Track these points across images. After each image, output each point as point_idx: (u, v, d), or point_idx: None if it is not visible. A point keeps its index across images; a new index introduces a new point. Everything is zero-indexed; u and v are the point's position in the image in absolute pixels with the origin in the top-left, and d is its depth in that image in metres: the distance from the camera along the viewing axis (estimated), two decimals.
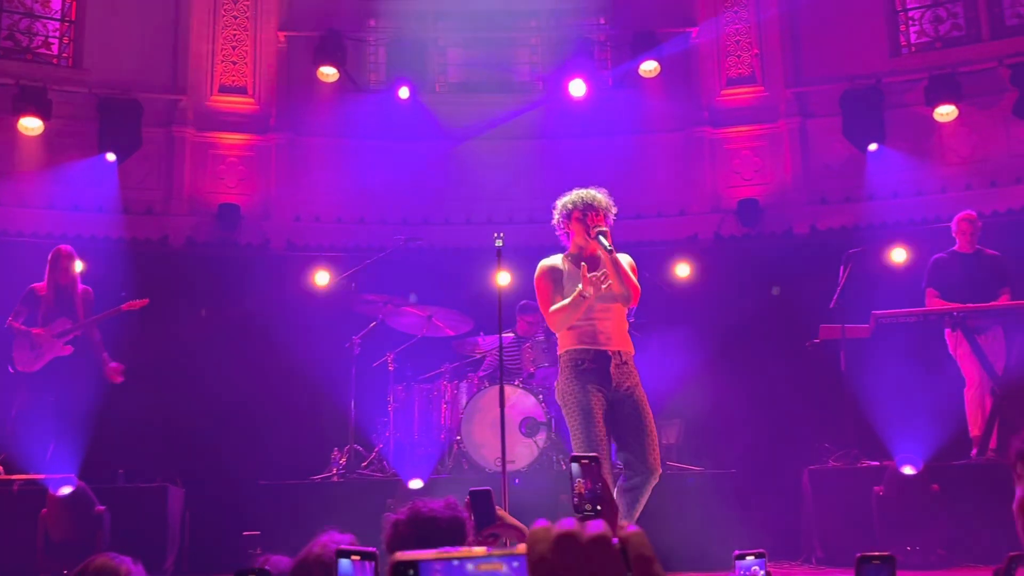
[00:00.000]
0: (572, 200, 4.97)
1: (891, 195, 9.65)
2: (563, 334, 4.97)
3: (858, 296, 7.41)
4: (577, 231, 4.94)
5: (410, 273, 8.77)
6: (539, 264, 5.05)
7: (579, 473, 2.22)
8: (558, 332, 5.01)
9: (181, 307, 8.91)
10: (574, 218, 4.93)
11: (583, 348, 4.86)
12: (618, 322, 4.94)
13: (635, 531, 0.92)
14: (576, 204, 4.94)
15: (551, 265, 5.01)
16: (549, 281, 4.96)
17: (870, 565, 1.95)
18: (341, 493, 7.02)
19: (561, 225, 5.03)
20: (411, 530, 2.30)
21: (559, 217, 5.02)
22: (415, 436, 7.58)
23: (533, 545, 0.90)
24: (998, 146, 9.55)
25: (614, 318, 4.92)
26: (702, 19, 10.39)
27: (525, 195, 9.90)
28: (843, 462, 6.84)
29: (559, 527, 0.90)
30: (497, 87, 10.83)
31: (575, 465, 2.24)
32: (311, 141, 10.25)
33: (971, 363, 7.04)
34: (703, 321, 8.78)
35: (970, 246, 7.34)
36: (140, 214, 9.68)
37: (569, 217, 4.96)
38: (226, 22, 10.26)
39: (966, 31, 10.11)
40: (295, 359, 8.65)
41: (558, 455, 7.27)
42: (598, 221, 4.88)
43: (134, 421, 8.10)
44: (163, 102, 9.93)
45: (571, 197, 4.99)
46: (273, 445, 8.38)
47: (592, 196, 4.94)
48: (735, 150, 10.20)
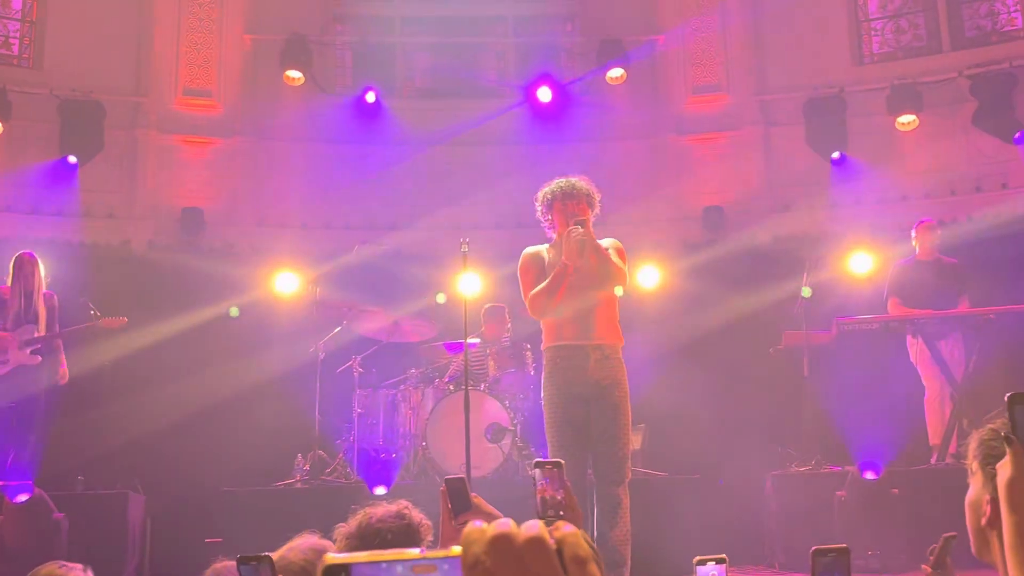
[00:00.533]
0: (552, 189, 4.92)
1: (853, 203, 9.77)
2: (545, 329, 4.90)
3: (821, 302, 7.48)
4: (558, 221, 4.87)
5: (376, 278, 8.74)
6: (523, 252, 4.99)
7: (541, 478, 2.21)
8: (540, 318, 4.89)
9: (143, 312, 8.79)
10: (555, 208, 4.88)
11: (561, 344, 4.79)
12: (601, 313, 4.82)
13: (571, 531, 0.91)
14: (556, 193, 4.89)
15: (535, 252, 4.96)
16: (532, 267, 4.89)
17: (825, 559, 1.96)
18: (305, 500, 6.95)
19: (544, 215, 4.97)
20: (358, 542, 2.27)
21: (541, 208, 4.97)
22: (380, 442, 7.53)
23: (467, 547, 0.88)
24: (958, 155, 9.70)
25: (596, 309, 4.80)
26: (668, 27, 10.46)
27: (492, 201, 9.90)
28: (805, 467, 6.90)
29: (494, 528, 0.89)
30: (464, 92, 10.82)
31: (538, 470, 2.23)
32: (276, 145, 10.18)
33: (931, 370, 7.12)
34: (667, 327, 8.82)
35: (930, 254, 7.43)
36: (101, 217, 9.57)
37: (550, 207, 4.91)
38: (191, 25, 10.17)
39: (927, 42, 10.27)
40: (259, 364, 8.59)
41: (524, 461, 7.25)
42: (578, 209, 4.81)
43: (94, 427, 7.99)
44: (126, 104, 9.82)
45: (551, 187, 4.94)
46: (236, 451, 8.30)
47: (571, 184, 4.89)
48: (700, 158, 10.27)
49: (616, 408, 4.74)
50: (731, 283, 9.08)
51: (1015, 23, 10.03)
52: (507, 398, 7.36)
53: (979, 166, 9.59)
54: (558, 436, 4.71)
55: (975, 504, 1.87)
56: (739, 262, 9.36)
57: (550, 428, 4.76)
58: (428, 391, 7.55)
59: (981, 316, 6.92)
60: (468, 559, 0.87)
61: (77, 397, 7.82)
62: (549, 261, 4.87)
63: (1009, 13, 10.07)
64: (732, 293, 8.95)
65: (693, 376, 8.72)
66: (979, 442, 1.88)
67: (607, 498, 4.66)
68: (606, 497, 4.67)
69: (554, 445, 4.73)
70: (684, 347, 8.80)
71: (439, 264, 8.87)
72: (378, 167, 10.09)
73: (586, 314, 4.79)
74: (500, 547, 0.88)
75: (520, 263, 4.96)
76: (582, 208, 4.84)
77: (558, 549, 0.89)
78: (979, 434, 1.90)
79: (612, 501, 4.65)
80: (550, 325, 4.88)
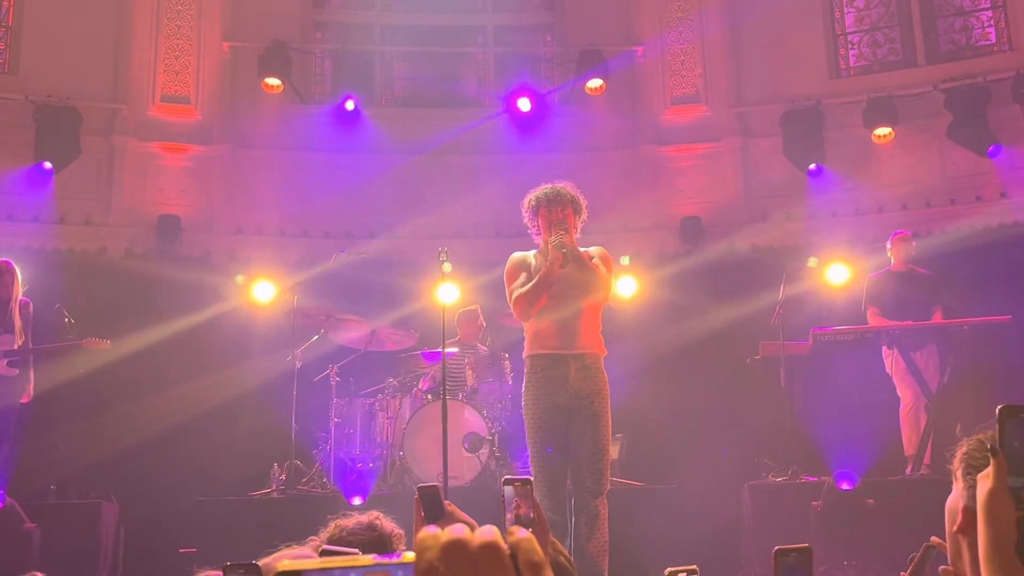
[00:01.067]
0: (537, 196, 4.93)
1: (830, 214, 9.84)
2: (527, 337, 4.88)
3: (798, 313, 7.52)
4: (543, 227, 4.88)
5: (354, 287, 8.71)
6: (511, 256, 4.99)
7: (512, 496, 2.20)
8: (524, 320, 4.87)
9: (119, 320, 8.71)
10: (540, 214, 4.88)
11: (541, 353, 4.77)
12: (585, 322, 4.80)
13: (525, 537, 0.90)
14: (540, 200, 4.90)
15: (522, 257, 4.96)
16: (518, 271, 4.88)
17: (787, 559, 1.97)
18: (281, 509, 6.91)
19: (530, 222, 4.97)
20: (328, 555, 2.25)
21: (527, 214, 4.97)
22: (357, 451, 7.50)
23: (421, 552, 0.88)
24: (933, 168, 9.79)
25: (579, 318, 4.78)
26: (647, 38, 10.52)
27: (471, 210, 9.91)
28: (782, 477, 6.92)
29: (448, 533, 0.88)
30: (443, 102, 10.83)
31: (508, 488, 2.22)
32: (255, 153, 10.14)
33: (906, 381, 7.18)
34: (645, 337, 8.84)
35: (904, 265, 7.50)
36: (77, 224, 9.49)
37: (536, 213, 4.91)
38: (169, 31, 10.12)
39: (903, 56, 10.37)
40: (235, 373, 8.54)
41: (501, 470, 7.24)
42: (563, 215, 4.82)
43: (68, 436, 7.90)
44: (103, 111, 9.75)
45: (536, 193, 4.95)
46: (212, 460, 8.24)
47: (556, 191, 4.89)
48: (679, 168, 10.32)
49: (596, 418, 4.71)
50: (708, 293, 9.12)
51: (989, 38, 10.16)
52: (485, 407, 7.35)
53: (954, 179, 9.69)
54: (538, 445, 4.70)
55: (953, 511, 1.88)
56: (716, 272, 9.41)
57: (531, 437, 4.74)
58: (405, 400, 7.53)
59: (955, 327, 6.98)
60: (422, 565, 0.87)
61: (51, 408, 7.75)
62: (535, 267, 4.86)
63: (983, 28, 10.20)
64: (709, 303, 8.98)
65: (670, 386, 8.76)
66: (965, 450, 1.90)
67: (585, 509, 4.65)
68: (584, 508, 4.65)
69: (535, 454, 4.72)
70: (661, 357, 8.82)
71: (418, 273, 8.86)
72: (357, 175, 10.07)
73: (568, 323, 4.77)
74: (454, 553, 0.87)
75: (507, 267, 4.95)
76: (567, 214, 4.84)
77: (512, 555, 0.89)
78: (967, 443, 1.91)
79: (590, 512, 4.64)
80: (532, 333, 4.86)
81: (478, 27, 11.13)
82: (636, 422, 8.14)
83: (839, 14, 10.61)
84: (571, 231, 4.81)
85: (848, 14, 10.62)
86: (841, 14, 10.61)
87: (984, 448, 1.75)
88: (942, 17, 10.34)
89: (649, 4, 10.57)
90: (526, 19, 11.20)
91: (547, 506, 4.53)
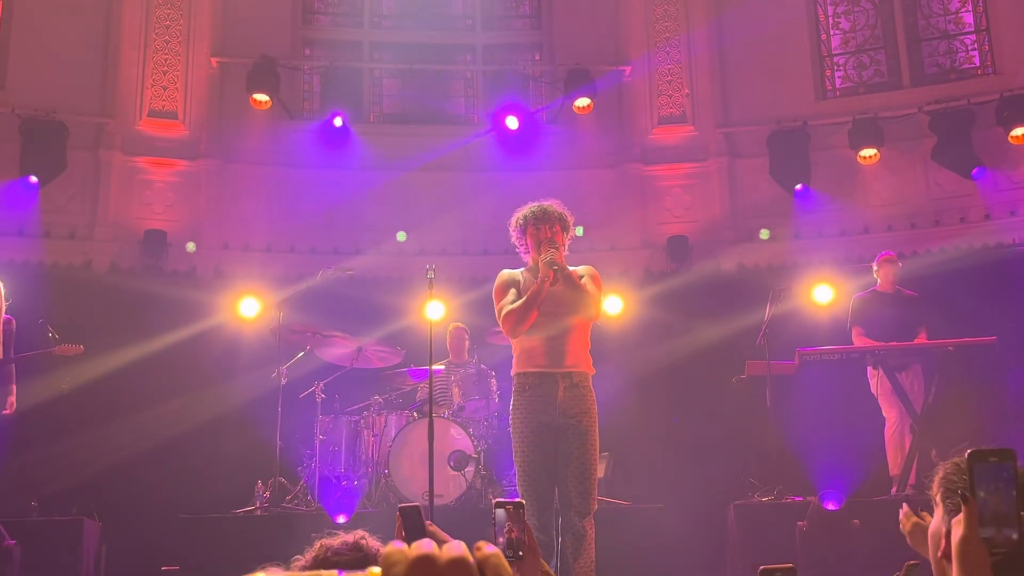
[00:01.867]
0: (525, 214, 4.90)
1: (816, 235, 9.88)
2: (515, 355, 4.84)
3: (783, 333, 7.54)
4: (532, 244, 4.85)
5: (341, 304, 8.69)
6: (499, 273, 4.95)
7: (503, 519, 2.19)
8: (513, 336, 4.82)
9: (103, 335, 8.66)
10: (528, 231, 4.86)
11: (529, 371, 4.73)
12: (573, 340, 4.77)
13: (492, 552, 0.90)
14: (528, 218, 4.87)
15: (511, 275, 4.92)
16: (506, 288, 4.84)
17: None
18: (264, 527, 6.86)
19: (518, 239, 4.95)
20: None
21: (515, 232, 4.95)
22: (342, 469, 7.46)
23: (388, 568, 0.87)
24: (918, 189, 9.86)
25: (568, 336, 4.76)
26: (634, 58, 10.57)
27: (458, 227, 9.91)
28: (768, 497, 6.92)
29: (415, 548, 0.88)
30: (431, 119, 10.85)
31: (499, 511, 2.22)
32: (242, 168, 10.12)
33: (891, 402, 7.20)
34: (631, 356, 8.84)
35: (890, 286, 7.53)
36: (63, 238, 9.44)
37: (524, 230, 4.88)
38: (157, 46, 10.11)
39: (888, 78, 10.47)
40: (220, 389, 8.50)
41: (487, 488, 7.22)
42: (551, 233, 4.80)
43: (50, 453, 7.83)
44: (90, 125, 9.72)
45: (524, 211, 4.91)
46: (195, 477, 8.18)
47: (543, 209, 4.86)
48: (666, 187, 10.36)
49: (584, 437, 4.68)
50: (695, 312, 9.14)
51: (973, 61, 10.26)
52: (471, 425, 7.34)
53: (939, 200, 9.76)
54: (526, 464, 4.67)
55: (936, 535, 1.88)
56: (703, 291, 9.42)
57: (518, 456, 4.71)
58: (391, 418, 7.50)
59: (940, 348, 7.01)
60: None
61: (34, 425, 7.68)
62: (524, 284, 4.83)
63: (967, 52, 10.30)
64: (696, 322, 9.00)
65: (656, 405, 8.76)
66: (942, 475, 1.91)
67: (572, 529, 4.62)
68: (571, 528, 4.63)
69: (522, 473, 4.68)
70: (647, 376, 8.82)
71: (405, 290, 8.86)
72: (344, 192, 10.06)
73: (557, 341, 4.74)
74: (421, 568, 0.87)
75: (495, 284, 4.92)
76: (555, 232, 4.82)
77: (480, 570, 0.88)
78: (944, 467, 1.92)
79: (577, 532, 4.61)
80: (520, 351, 4.83)
81: (467, 45, 11.17)
82: (622, 441, 8.14)
83: (825, 36, 10.71)
84: (560, 249, 4.80)
85: (834, 36, 10.71)
86: (827, 36, 10.71)
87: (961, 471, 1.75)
88: (927, 40, 10.44)
89: (637, 24, 10.63)
90: (515, 38, 11.25)
91: (533, 525, 4.51)
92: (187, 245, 9.25)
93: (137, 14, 10.06)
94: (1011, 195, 9.50)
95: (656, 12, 10.62)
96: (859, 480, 6.85)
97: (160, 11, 10.17)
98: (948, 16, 10.43)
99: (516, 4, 11.31)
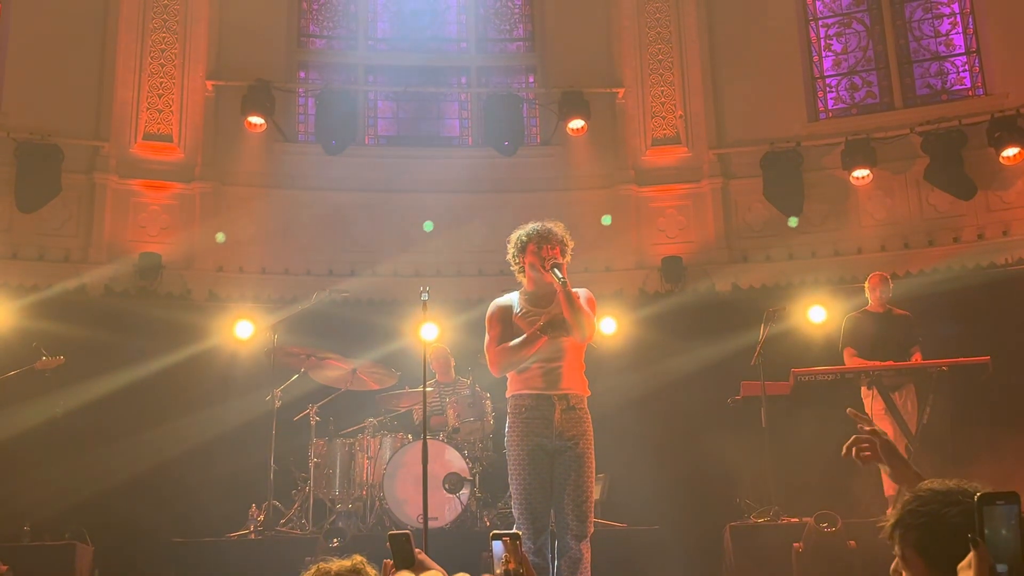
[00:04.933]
0: (527, 233, 4.80)
1: (810, 255, 9.91)
2: (510, 377, 4.76)
3: (778, 353, 7.54)
4: (533, 263, 4.74)
5: (335, 325, 8.68)
6: (493, 302, 4.84)
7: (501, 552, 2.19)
8: (498, 374, 4.76)
9: (98, 358, 8.64)
10: (529, 251, 4.75)
11: (525, 393, 4.66)
12: (569, 363, 4.71)
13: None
14: (531, 236, 4.77)
15: (505, 304, 4.81)
16: (498, 321, 4.74)
17: None
18: (258, 551, 6.82)
19: (516, 259, 4.84)
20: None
21: (514, 251, 4.83)
22: (336, 492, 7.43)
23: None
24: (911, 209, 9.89)
25: (564, 358, 4.70)
26: (628, 80, 10.63)
27: (452, 249, 9.93)
28: (763, 518, 6.91)
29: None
30: (426, 141, 10.89)
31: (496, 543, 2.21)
32: (237, 191, 10.14)
33: (886, 422, 7.19)
34: (626, 377, 8.83)
35: (882, 305, 7.55)
36: (57, 261, 9.43)
37: (524, 250, 4.78)
38: (152, 70, 10.15)
39: (880, 99, 10.53)
40: (214, 412, 8.47)
41: (483, 511, 7.20)
42: (553, 254, 4.70)
43: (43, 477, 7.80)
44: (85, 148, 9.74)
45: (525, 230, 4.82)
46: (189, 501, 8.14)
47: (547, 229, 4.78)
48: (660, 208, 10.39)
49: (580, 460, 4.63)
50: (690, 333, 9.14)
51: (964, 83, 10.33)
52: (466, 447, 7.32)
53: (932, 220, 9.79)
54: (523, 487, 4.61)
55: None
56: (698, 312, 9.43)
57: (514, 478, 4.65)
58: (386, 440, 7.48)
59: (935, 368, 7.01)
60: None
61: (27, 449, 7.66)
62: (520, 310, 4.77)
63: (958, 73, 10.37)
64: (691, 343, 9.00)
65: (652, 426, 8.73)
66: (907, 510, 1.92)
67: (568, 552, 4.58)
68: (567, 551, 4.58)
69: (518, 495, 4.63)
70: (642, 397, 8.81)
71: (399, 311, 8.85)
72: (339, 214, 10.08)
73: (554, 364, 4.68)
74: None
75: (489, 313, 4.81)
76: (555, 253, 4.73)
77: None
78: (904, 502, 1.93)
79: (574, 556, 4.57)
80: (516, 373, 4.74)
81: (461, 68, 11.23)
82: (618, 462, 8.11)
83: (817, 58, 10.78)
84: (564, 269, 4.74)
85: (826, 58, 10.79)
86: (819, 58, 10.78)
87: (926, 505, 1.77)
88: (918, 62, 10.51)
89: (631, 47, 10.70)
90: (509, 60, 11.31)
91: (528, 548, 4.48)
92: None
93: (132, 38, 10.11)
94: (1004, 215, 9.54)
95: (649, 35, 10.69)
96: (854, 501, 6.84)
97: (156, 35, 10.21)
98: (939, 38, 10.51)
99: (510, 27, 11.38)
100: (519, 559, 2.18)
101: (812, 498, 7.28)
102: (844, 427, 7.94)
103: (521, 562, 2.18)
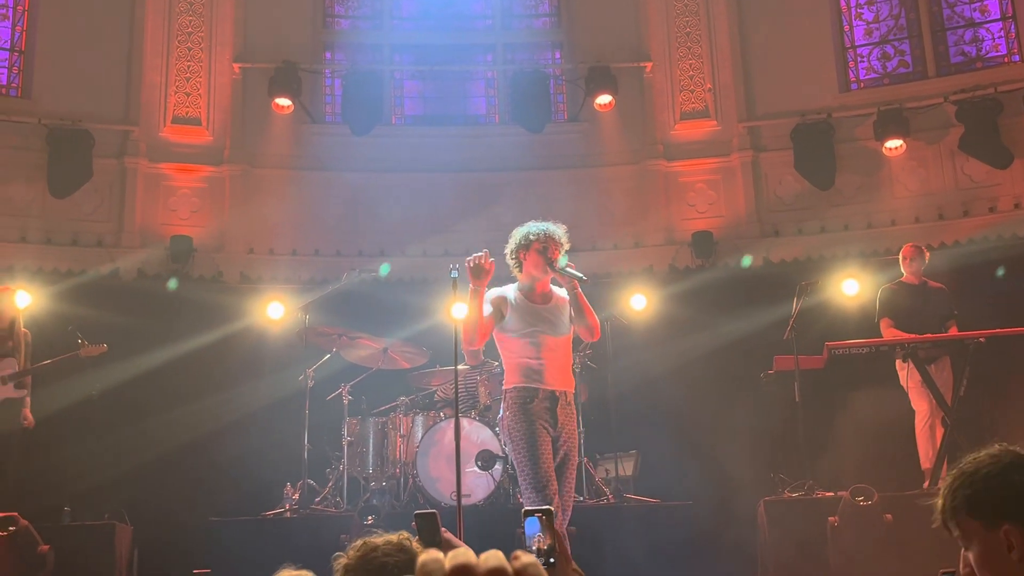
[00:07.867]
0: (534, 231, 4.88)
1: (842, 228, 9.80)
2: (509, 369, 4.88)
3: (811, 327, 7.48)
4: (535, 262, 4.85)
5: (366, 305, 8.71)
6: (488, 292, 4.93)
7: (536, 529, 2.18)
8: (470, 347, 4.92)
9: (131, 341, 8.73)
10: (533, 248, 4.85)
11: (532, 386, 4.77)
12: (565, 360, 4.92)
13: (531, 562, 0.89)
14: (538, 235, 4.86)
15: (500, 295, 4.92)
16: (487, 302, 4.85)
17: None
18: (294, 529, 6.89)
19: (516, 254, 4.92)
20: (362, 575, 2.22)
21: (516, 246, 4.91)
22: (370, 470, 7.48)
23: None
24: (945, 180, 9.74)
25: (562, 356, 4.89)
26: (656, 54, 10.53)
27: (481, 227, 9.90)
28: (798, 492, 6.87)
29: (453, 558, 0.86)
30: (453, 120, 10.85)
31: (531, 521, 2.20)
32: (266, 173, 10.18)
33: (922, 394, 7.11)
34: (658, 352, 8.80)
35: (916, 277, 7.44)
36: (89, 246, 9.53)
37: (528, 247, 4.87)
38: (180, 53, 10.19)
39: (913, 68, 10.36)
40: (247, 392, 8.54)
41: (514, 488, 7.21)
42: (555, 255, 4.81)
43: (82, 457, 7.91)
44: (115, 133, 9.82)
45: (531, 228, 4.90)
46: (225, 481, 8.24)
47: (553, 229, 4.89)
48: (689, 183, 10.31)
49: (570, 453, 4.80)
50: (721, 308, 9.08)
51: (999, 49, 10.13)
52: (497, 425, 7.32)
53: (967, 190, 9.64)
54: (534, 459, 4.64)
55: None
56: (729, 287, 9.37)
57: (523, 454, 4.67)
58: (418, 418, 7.51)
59: (971, 340, 6.92)
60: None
61: (65, 428, 7.76)
62: (516, 303, 4.87)
63: (994, 39, 10.17)
64: (722, 318, 8.94)
65: (683, 402, 8.71)
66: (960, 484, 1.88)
67: None
68: None
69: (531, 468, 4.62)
70: (674, 372, 8.78)
71: (429, 290, 8.86)
72: (368, 194, 10.10)
73: (552, 360, 4.83)
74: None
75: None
76: (557, 254, 4.84)
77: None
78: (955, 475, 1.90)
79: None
80: (514, 366, 4.86)
81: (487, 45, 11.17)
82: (649, 438, 8.10)
83: (848, 27, 10.61)
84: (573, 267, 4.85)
85: (857, 27, 10.61)
86: (850, 27, 10.61)
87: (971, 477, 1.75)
88: (951, 29, 10.32)
89: (658, 20, 10.59)
90: (535, 36, 11.24)
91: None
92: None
93: (159, 22, 10.15)
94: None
95: (676, 7, 10.57)
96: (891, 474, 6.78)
97: (182, 18, 10.25)
98: (973, 4, 10.31)
99: (535, 3, 11.30)
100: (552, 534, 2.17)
101: (847, 472, 7.24)
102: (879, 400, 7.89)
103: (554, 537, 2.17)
